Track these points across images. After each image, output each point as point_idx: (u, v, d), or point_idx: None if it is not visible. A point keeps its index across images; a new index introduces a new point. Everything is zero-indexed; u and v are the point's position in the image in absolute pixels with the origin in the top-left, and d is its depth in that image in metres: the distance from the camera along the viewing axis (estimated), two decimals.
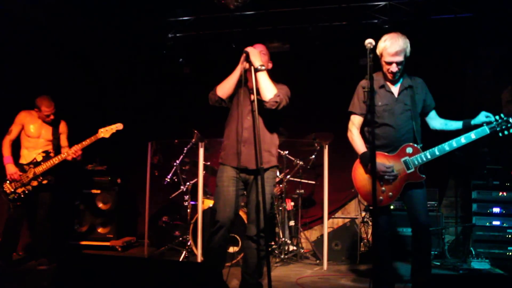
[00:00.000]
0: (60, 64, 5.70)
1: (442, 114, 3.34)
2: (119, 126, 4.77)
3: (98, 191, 5.74)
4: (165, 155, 5.47)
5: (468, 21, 5.28)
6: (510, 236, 4.84)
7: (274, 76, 3.35)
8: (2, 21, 4.98)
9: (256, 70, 3.04)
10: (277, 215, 5.05)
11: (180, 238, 5.23)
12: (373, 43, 2.78)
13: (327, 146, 4.80)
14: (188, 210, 5.15)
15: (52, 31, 5.45)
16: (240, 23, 5.76)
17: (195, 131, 4.91)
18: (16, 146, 4.70)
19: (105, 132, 4.71)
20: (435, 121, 3.32)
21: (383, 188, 3.15)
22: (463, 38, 5.55)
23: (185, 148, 5.09)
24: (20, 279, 4.12)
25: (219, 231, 3.14)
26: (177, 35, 6.08)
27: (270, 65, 3.36)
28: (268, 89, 3.07)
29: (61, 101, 5.46)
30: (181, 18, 5.92)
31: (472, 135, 3.05)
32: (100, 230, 5.69)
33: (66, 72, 5.80)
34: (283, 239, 5.08)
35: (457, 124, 3.20)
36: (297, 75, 5.56)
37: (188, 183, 5.19)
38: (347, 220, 5.38)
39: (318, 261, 5.01)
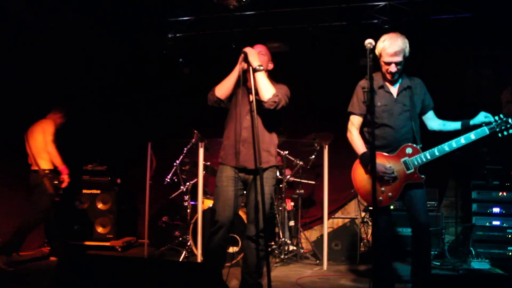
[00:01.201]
0: (60, 64, 5.70)
1: (441, 115, 3.34)
2: None
3: (98, 191, 5.75)
4: (165, 155, 5.47)
5: (468, 21, 5.28)
6: (510, 236, 4.84)
7: (274, 76, 3.35)
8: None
9: (254, 71, 3.04)
10: (277, 215, 5.05)
11: (180, 238, 5.23)
12: (373, 43, 2.78)
13: (327, 146, 4.80)
14: (188, 210, 5.15)
15: (51, 31, 5.45)
16: (240, 23, 5.76)
17: (195, 131, 4.91)
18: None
19: None
20: (433, 122, 3.31)
21: (383, 189, 3.15)
22: (463, 38, 5.55)
23: (185, 148, 5.09)
24: (20, 279, 4.13)
25: (218, 231, 3.14)
26: (177, 35, 6.09)
27: (271, 66, 3.36)
28: (267, 89, 3.07)
29: (61, 102, 5.49)
30: (181, 18, 5.92)
31: (472, 136, 3.05)
32: (100, 230, 5.70)
33: (66, 72, 5.80)
34: (283, 239, 5.08)
35: (455, 125, 3.19)
36: (297, 75, 5.56)
37: (188, 183, 5.19)
38: (347, 220, 5.38)
39: (318, 261, 5.01)
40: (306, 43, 5.81)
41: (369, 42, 2.73)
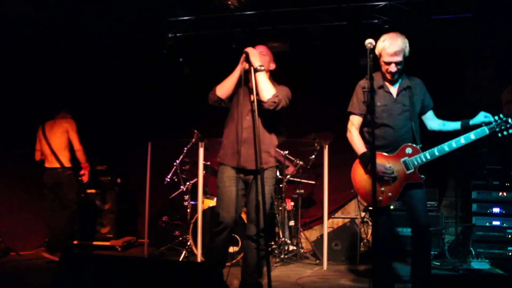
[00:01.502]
0: (60, 64, 5.70)
1: (441, 115, 3.34)
2: None
3: (98, 191, 5.75)
4: (165, 155, 5.48)
5: (468, 21, 5.28)
6: (510, 236, 4.84)
7: (274, 76, 3.35)
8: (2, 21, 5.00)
9: (255, 71, 3.05)
10: (277, 215, 5.05)
11: (180, 238, 5.23)
12: (373, 43, 2.77)
13: (327, 146, 4.80)
14: (188, 210, 5.15)
15: (52, 31, 5.45)
16: (240, 23, 5.76)
17: (195, 131, 4.91)
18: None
19: None
20: (433, 122, 3.31)
21: (383, 189, 3.15)
22: (463, 38, 5.55)
23: (185, 148, 5.09)
24: (20, 279, 4.13)
25: (223, 232, 3.14)
26: (177, 35, 6.09)
27: (272, 66, 3.36)
28: (267, 90, 3.07)
29: (62, 102, 5.49)
30: (181, 18, 5.92)
31: (472, 136, 3.04)
32: (100, 230, 5.69)
33: (66, 72, 5.80)
34: (283, 239, 5.08)
35: (455, 125, 3.19)
36: (297, 75, 5.55)
37: (188, 183, 5.19)
38: (347, 220, 5.38)
39: (318, 261, 5.01)
40: (306, 43, 5.81)
41: (369, 42, 2.73)
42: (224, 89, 3.22)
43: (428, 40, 5.43)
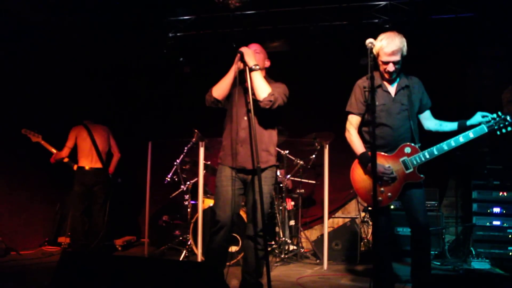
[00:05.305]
0: (60, 64, 5.70)
1: (441, 115, 3.32)
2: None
3: None
4: (166, 155, 5.48)
5: (469, 21, 5.27)
6: (510, 236, 4.84)
7: (274, 75, 3.35)
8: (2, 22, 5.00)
9: (250, 70, 3.03)
10: (277, 215, 5.05)
11: (180, 238, 5.24)
12: (374, 42, 2.76)
13: (327, 145, 4.80)
14: (188, 210, 5.16)
15: (52, 31, 5.45)
16: (240, 23, 5.76)
17: (196, 131, 4.91)
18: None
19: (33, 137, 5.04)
20: (430, 122, 3.30)
21: (382, 189, 3.14)
22: (464, 38, 5.54)
23: (186, 148, 5.09)
24: (20, 278, 4.13)
25: (220, 231, 3.14)
26: (178, 34, 6.09)
27: (267, 64, 3.35)
28: (262, 89, 3.05)
29: (62, 102, 5.48)
30: (181, 18, 5.92)
31: (471, 134, 3.03)
32: None
33: (66, 72, 5.80)
34: (283, 238, 5.08)
35: (452, 125, 3.17)
36: (297, 75, 5.56)
37: (188, 183, 5.19)
38: (347, 219, 5.38)
39: (318, 261, 5.01)
40: (307, 42, 5.81)
41: (370, 41, 2.71)
42: (220, 90, 3.20)
43: (428, 40, 5.43)
